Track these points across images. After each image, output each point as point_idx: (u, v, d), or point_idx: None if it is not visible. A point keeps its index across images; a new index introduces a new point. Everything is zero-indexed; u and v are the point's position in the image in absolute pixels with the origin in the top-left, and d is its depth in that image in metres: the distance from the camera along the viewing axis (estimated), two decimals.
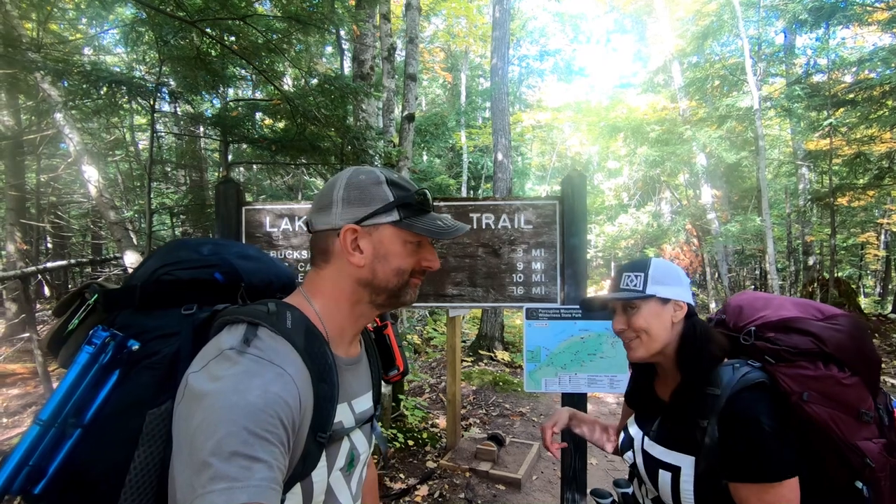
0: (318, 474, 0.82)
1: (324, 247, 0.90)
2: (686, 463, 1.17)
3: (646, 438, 1.29)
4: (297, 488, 0.79)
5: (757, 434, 1.07)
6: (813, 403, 1.10)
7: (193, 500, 0.62)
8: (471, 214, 2.44)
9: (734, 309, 1.31)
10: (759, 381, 1.12)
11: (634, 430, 1.35)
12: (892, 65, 8.65)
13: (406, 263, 0.90)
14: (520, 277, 2.40)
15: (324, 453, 0.82)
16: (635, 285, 1.20)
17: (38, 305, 10.11)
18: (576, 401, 2.36)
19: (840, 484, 1.13)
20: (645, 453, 1.27)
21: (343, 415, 0.88)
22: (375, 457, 4.01)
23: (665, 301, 1.20)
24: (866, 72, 9.78)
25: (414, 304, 2.58)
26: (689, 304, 1.22)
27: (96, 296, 0.93)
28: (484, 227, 2.43)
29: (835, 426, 1.10)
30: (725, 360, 1.20)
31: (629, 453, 1.33)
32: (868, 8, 9.35)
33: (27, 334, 6.33)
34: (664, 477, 1.20)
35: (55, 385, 0.85)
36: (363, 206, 0.88)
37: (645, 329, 1.20)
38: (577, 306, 2.32)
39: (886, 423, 1.19)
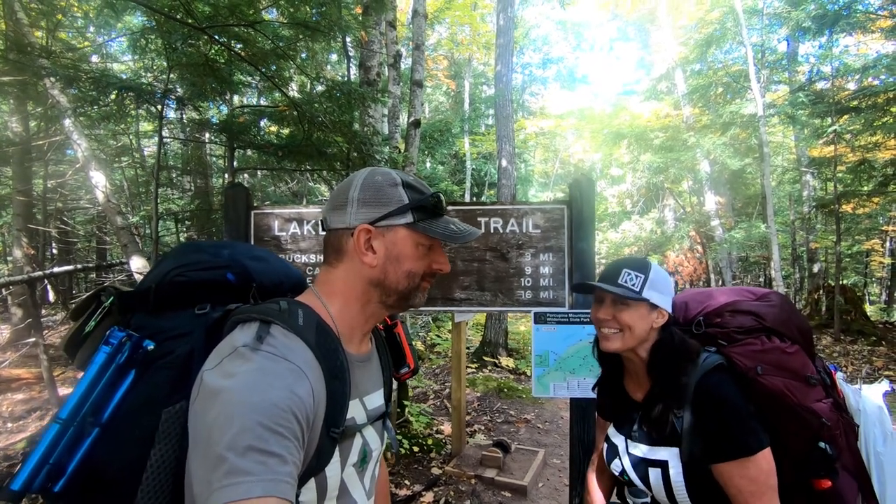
0: (332, 469, 0.82)
1: (337, 245, 0.91)
2: (672, 455, 1.22)
3: (629, 441, 1.33)
4: (312, 483, 0.80)
5: (727, 412, 1.15)
6: (767, 375, 1.21)
7: (210, 494, 0.62)
8: (479, 219, 2.44)
9: (680, 306, 1.41)
10: (718, 364, 1.22)
11: (616, 438, 1.38)
12: None
13: (417, 266, 0.91)
14: (528, 282, 2.39)
15: (337, 449, 0.83)
16: (634, 284, 1.24)
17: (43, 310, 10.14)
18: (584, 406, 2.35)
19: (803, 448, 1.21)
20: (631, 456, 1.31)
21: (355, 411, 0.89)
22: (388, 453, 3.99)
23: (654, 307, 1.25)
24: (870, 79, 9.79)
25: (422, 308, 2.59)
26: (669, 314, 1.28)
27: (112, 298, 0.95)
28: (492, 231, 2.43)
29: (790, 393, 1.20)
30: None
31: (616, 461, 1.36)
32: (871, 16, 9.38)
33: (33, 339, 6.34)
34: (654, 474, 1.24)
35: (60, 390, 0.86)
36: (378, 206, 0.89)
37: (629, 326, 1.25)
38: (586, 310, 2.32)
39: (829, 384, 1.31)
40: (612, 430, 1.41)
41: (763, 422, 1.18)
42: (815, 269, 13.00)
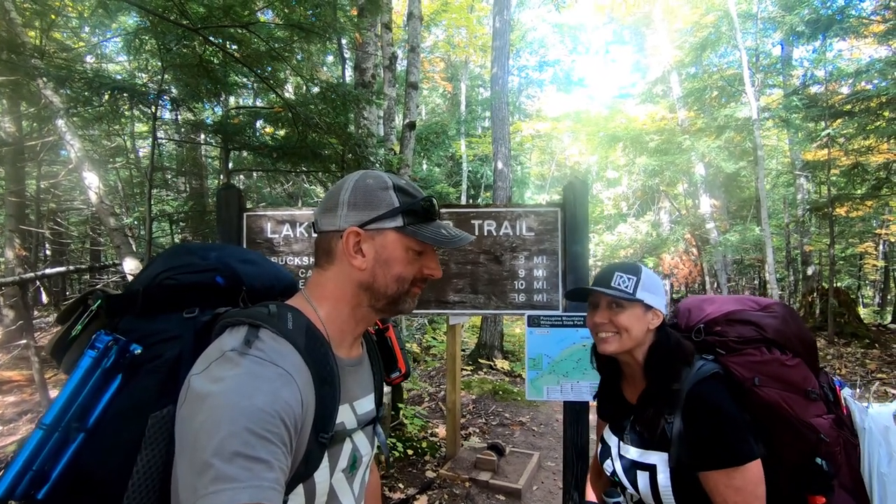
0: (321, 475, 0.82)
1: (327, 248, 0.90)
2: (660, 460, 1.22)
3: (621, 443, 1.33)
4: (300, 489, 0.79)
5: (717, 421, 1.14)
6: (764, 387, 1.20)
7: (196, 501, 0.62)
8: (473, 221, 2.44)
9: (683, 312, 1.41)
10: (714, 372, 1.21)
11: (610, 439, 1.39)
12: (889, 76, 8.73)
13: (407, 270, 0.90)
14: (522, 284, 2.39)
15: (326, 454, 0.82)
16: (627, 287, 1.25)
17: (35, 312, 10.07)
18: (578, 410, 2.34)
19: (799, 462, 1.20)
20: (622, 458, 1.31)
21: (345, 416, 0.88)
22: (381, 456, 3.98)
23: (648, 308, 1.26)
24: (863, 83, 9.86)
25: (415, 312, 2.57)
26: (664, 315, 1.29)
27: (99, 301, 0.94)
28: (486, 234, 2.43)
29: (787, 406, 1.19)
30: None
31: (608, 462, 1.37)
32: (864, 20, 9.46)
33: (24, 341, 6.29)
34: (642, 477, 1.24)
35: (52, 392, 0.85)
36: (368, 209, 0.88)
37: (626, 328, 1.25)
38: (580, 313, 2.32)
39: (832, 400, 1.29)
40: (607, 431, 1.42)
41: (759, 433, 1.17)
42: (810, 271, 13.07)
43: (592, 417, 2.41)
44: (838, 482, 1.21)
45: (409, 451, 4.56)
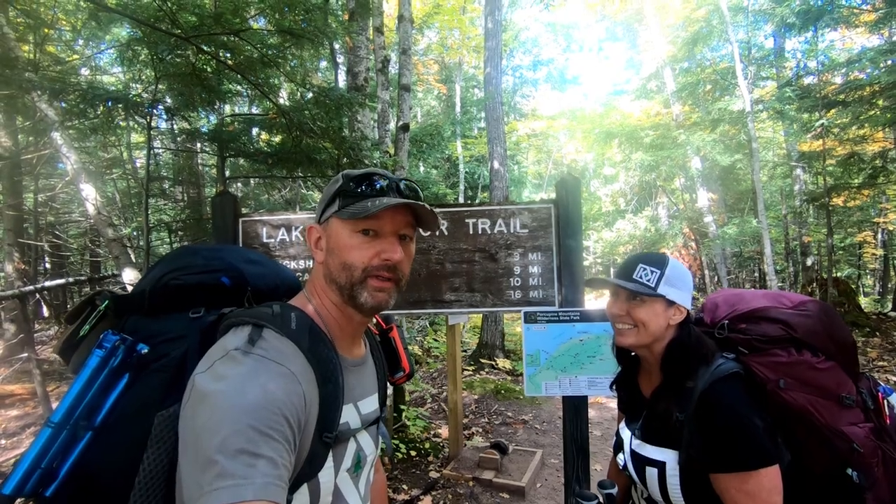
0: (325, 475, 0.82)
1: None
2: (670, 457, 1.18)
3: (633, 438, 1.30)
4: (304, 489, 0.79)
5: (731, 423, 1.08)
6: (790, 390, 1.12)
7: (200, 497, 0.62)
8: (467, 220, 2.45)
9: (711, 306, 1.34)
10: (733, 372, 1.14)
11: (624, 432, 1.37)
12: (881, 65, 8.74)
13: (353, 256, 0.86)
14: (517, 281, 2.41)
15: (330, 454, 0.83)
16: (649, 280, 1.20)
17: (36, 325, 10.07)
18: (577, 404, 2.36)
19: (826, 472, 1.13)
20: (633, 453, 1.28)
21: (349, 416, 0.89)
22: (385, 458, 3.98)
23: (671, 303, 1.21)
24: (855, 73, 9.87)
25: (412, 311, 2.58)
26: (688, 310, 1.23)
27: (107, 302, 0.95)
28: (480, 232, 2.45)
29: (815, 411, 1.11)
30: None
31: (621, 455, 1.34)
32: (855, 10, 9.47)
33: (25, 354, 6.29)
34: (651, 473, 1.21)
35: (55, 405, 0.86)
36: (322, 203, 0.92)
37: (644, 323, 1.20)
38: (576, 309, 2.33)
39: (872, 408, 1.19)
40: (622, 424, 1.39)
41: (782, 438, 1.12)
42: (809, 262, 13.07)
43: (593, 413, 2.42)
44: (873, 496, 1.11)
45: (413, 453, 4.56)
